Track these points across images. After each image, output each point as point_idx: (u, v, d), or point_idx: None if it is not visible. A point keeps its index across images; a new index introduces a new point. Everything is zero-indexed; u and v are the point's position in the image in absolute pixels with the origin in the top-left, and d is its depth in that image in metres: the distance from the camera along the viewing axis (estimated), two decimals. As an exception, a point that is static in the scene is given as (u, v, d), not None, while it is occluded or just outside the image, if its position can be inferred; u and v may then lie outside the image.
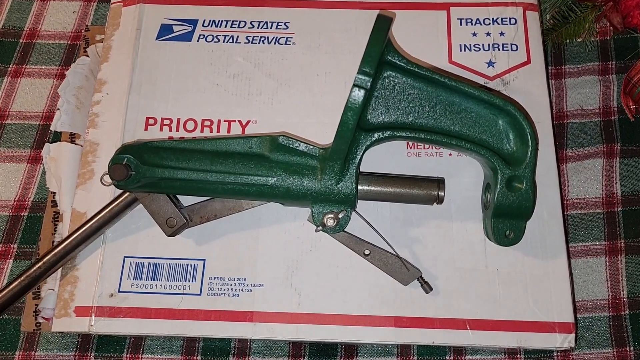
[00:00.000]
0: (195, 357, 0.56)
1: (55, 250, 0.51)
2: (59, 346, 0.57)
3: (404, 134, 0.49)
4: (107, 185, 0.52)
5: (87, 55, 0.64)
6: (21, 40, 0.71)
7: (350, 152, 0.48)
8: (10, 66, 0.70)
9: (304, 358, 0.56)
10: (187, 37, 0.60)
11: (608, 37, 0.68)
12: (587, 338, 0.57)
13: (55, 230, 0.59)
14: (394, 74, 0.49)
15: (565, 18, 0.64)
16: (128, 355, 0.57)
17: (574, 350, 0.56)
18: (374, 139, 0.49)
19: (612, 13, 0.61)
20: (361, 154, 0.49)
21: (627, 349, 0.56)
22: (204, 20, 0.61)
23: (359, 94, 0.45)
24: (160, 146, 0.51)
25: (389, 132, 0.49)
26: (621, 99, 0.63)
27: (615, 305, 0.58)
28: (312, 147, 0.50)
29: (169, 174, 0.49)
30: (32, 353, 0.57)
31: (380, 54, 0.46)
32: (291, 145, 0.50)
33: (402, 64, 0.49)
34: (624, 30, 0.64)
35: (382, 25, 0.47)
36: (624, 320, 0.57)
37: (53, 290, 0.55)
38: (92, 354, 0.57)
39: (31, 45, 0.71)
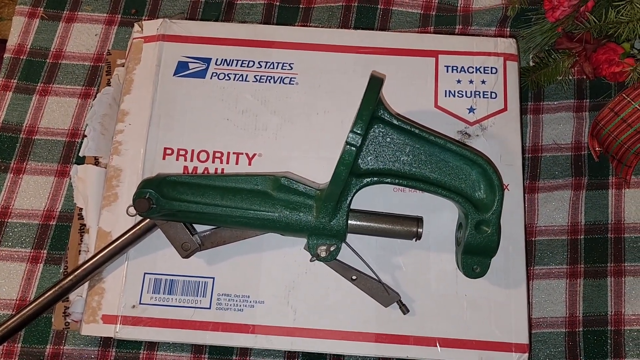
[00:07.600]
0: (203, 356, 0.65)
1: (85, 266, 0.58)
2: (85, 342, 0.65)
3: (389, 180, 0.55)
4: (132, 216, 0.59)
5: (110, 84, 0.70)
6: (48, 60, 0.76)
7: (342, 194, 0.55)
8: (39, 85, 0.75)
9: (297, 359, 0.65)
10: (201, 74, 0.65)
11: (584, 77, 0.73)
12: (545, 351, 0.64)
13: (81, 241, 0.66)
14: (383, 127, 0.55)
15: (544, 62, 0.70)
16: (145, 352, 0.64)
17: (532, 361, 0.64)
18: (363, 183, 0.55)
19: (584, 63, 0.66)
20: (352, 196, 0.55)
21: (578, 361, 0.64)
22: (217, 59, 0.66)
23: (351, 151, 0.52)
24: (177, 181, 0.57)
25: (376, 178, 0.55)
26: (588, 141, 0.69)
27: (571, 322, 0.65)
28: (309, 188, 0.57)
29: (185, 207, 0.56)
30: (61, 347, 0.65)
31: (371, 114, 0.53)
32: (291, 186, 0.57)
33: (391, 120, 0.55)
34: (595, 78, 0.70)
35: (374, 86, 0.53)
36: (577, 336, 0.64)
37: (81, 296, 0.63)
38: (114, 350, 0.65)
39: (57, 66, 0.76)
